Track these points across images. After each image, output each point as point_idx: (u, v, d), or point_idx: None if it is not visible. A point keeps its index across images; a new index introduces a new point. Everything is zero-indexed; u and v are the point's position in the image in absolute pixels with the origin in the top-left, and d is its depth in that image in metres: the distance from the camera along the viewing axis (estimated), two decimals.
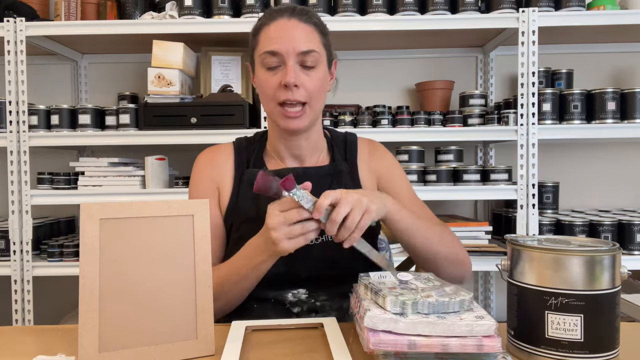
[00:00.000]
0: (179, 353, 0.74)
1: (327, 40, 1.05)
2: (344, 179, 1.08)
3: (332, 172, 1.09)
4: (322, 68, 1.02)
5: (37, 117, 2.00)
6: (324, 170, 1.09)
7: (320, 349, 0.76)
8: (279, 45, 0.98)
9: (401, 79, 2.35)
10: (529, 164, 1.91)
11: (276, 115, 1.02)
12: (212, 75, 2.13)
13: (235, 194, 1.08)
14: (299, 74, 0.98)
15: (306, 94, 0.99)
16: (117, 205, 0.74)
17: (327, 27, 1.07)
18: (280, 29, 0.99)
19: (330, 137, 1.16)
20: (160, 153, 2.05)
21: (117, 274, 0.72)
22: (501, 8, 1.93)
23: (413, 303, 0.69)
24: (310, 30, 1.01)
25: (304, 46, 0.98)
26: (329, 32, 1.07)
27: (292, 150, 1.09)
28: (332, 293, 1.02)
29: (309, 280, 1.02)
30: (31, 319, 1.95)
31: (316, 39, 1.01)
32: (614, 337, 0.70)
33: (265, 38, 1.00)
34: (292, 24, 0.99)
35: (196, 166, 1.13)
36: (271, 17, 1.01)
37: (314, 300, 1.02)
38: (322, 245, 1.02)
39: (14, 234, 1.94)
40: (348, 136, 1.16)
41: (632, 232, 1.93)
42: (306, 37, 0.99)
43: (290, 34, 0.98)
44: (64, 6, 2.03)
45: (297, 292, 1.02)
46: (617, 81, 2.32)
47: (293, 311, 1.01)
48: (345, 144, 1.14)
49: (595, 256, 0.69)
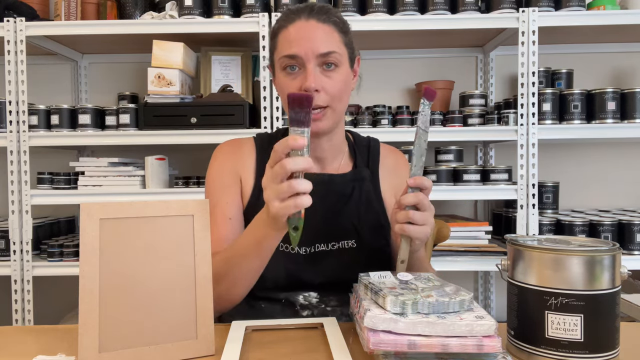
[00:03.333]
0: (179, 353, 0.74)
1: (349, 38, 1.02)
2: (365, 185, 1.07)
3: (355, 179, 1.07)
4: (344, 68, 0.99)
5: (37, 117, 2.00)
6: (348, 177, 1.07)
7: (320, 349, 0.76)
8: (297, 49, 0.95)
9: (401, 79, 2.35)
10: (529, 164, 1.91)
11: None
12: (212, 75, 2.13)
13: (257, 191, 1.04)
14: (320, 77, 0.96)
15: (327, 97, 0.96)
16: (117, 205, 0.74)
17: (347, 24, 1.03)
18: (298, 31, 0.96)
19: (353, 141, 1.14)
20: (160, 153, 2.05)
21: (117, 274, 0.72)
22: (501, 8, 1.93)
23: (413, 303, 0.69)
24: (330, 30, 0.97)
25: (324, 48, 0.95)
26: (350, 29, 1.03)
27: (314, 152, 1.05)
28: (344, 299, 1.00)
29: (322, 285, 1.01)
30: (31, 319, 1.95)
31: (336, 38, 0.98)
32: (614, 337, 0.70)
33: (283, 41, 0.98)
34: (310, 26, 0.96)
35: (217, 157, 1.09)
36: (289, 18, 0.98)
37: (325, 305, 1.01)
38: (338, 252, 1.02)
39: (14, 234, 1.94)
40: (371, 142, 1.14)
41: (632, 232, 1.92)
42: (326, 38, 0.96)
43: (309, 36, 0.95)
44: (64, 6, 2.03)
45: (308, 295, 1.01)
46: (617, 81, 2.32)
47: (302, 314, 1.00)
48: (368, 150, 1.12)
49: (595, 256, 0.69)
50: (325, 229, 1.02)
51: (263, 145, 1.09)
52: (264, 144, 1.09)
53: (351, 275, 0.94)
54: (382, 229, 1.07)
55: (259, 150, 1.08)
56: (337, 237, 1.03)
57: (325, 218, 1.02)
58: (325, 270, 0.99)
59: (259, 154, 1.08)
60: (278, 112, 1.93)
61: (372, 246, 1.05)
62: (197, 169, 2.24)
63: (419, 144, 0.86)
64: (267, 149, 1.07)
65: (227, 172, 1.06)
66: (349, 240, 1.03)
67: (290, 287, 1.00)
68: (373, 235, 1.05)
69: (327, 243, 1.02)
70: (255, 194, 1.04)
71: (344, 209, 1.04)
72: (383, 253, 1.07)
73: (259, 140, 1.11)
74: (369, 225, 1.05)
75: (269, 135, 1.13)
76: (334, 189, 1.04)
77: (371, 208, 1.06)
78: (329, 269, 0.99)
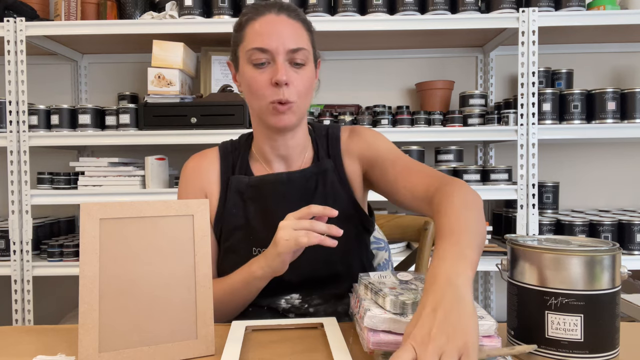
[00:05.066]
0: (179, 353, 0.74)
1: (313, 39, 1.02)
2: (329, 176, 1.05)
3: (317, 172, 1.05)
4: (310, 66, 0.99)
5: (37, 117, 2.00)
6: (308, 172, 1.05)
7: (320, 349, 0.76)
8: (268, 42, 0.94)
9: (401, 79, 2.35)
10: (529, 164, 1.91)
11: (265, 112, 0.98)
12: (212, 75, 2.13)
13: (222, 201, 1.05)
14: (290, 72, 0.95)
15: (296, 92, 0.96)
16: (117, 205, 0.74)
17: (312, 24, 1.04)
18: (268, 24, 0.96)
19: (313, 133, 1.11)
20: (160, 153, 2.05)
21: (117, 274, 0.72)
22: (501, 8, 1.93)
23: (413, 303, 0.69)
24: (299, 27, 0.98)
25: (294, 43, 0.95)
26: (314, 30, 1.04)
27: (278, 150, 1.05)
28: (327, 296, 1.00)
29: (302, 283, 0.99)
30: (31, 319, 1.95)
31: (305, 36, 0.98)
32: (614, 337, 0.70)
33: (252, 33, 0.96)
34: (281, 20, 0.96)
35: (183, 174, 1.10)
36: (258, 11, 0.98)
37: (308, 305, 1.00)
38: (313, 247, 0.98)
39: (14, 234, 1.94)
40: (330, 129, 1.11)
41: (632, 232, 1.93)
42: (295, 34, 0.96)
43: (280, 31, 0.95)
44: (64, 6, 2.04)
45: (290, 298, 1.00)
46: (617, 81, 2.32)
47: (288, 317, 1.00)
48: (327, 139, 1.09)
49: (595, 256, 0.69)
50: None
51: (226, 155, 1.09)
52: (227, 153, 1.09)
53: (330, 268, 0.95)
54: (352, 218, 1.05)
55: (223, 161, 1.08)
56: None
57: None
58: (303, 267, 0.96)
59: (222, 164, 1.08)
60: None
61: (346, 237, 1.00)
62: None
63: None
64: (230, 158, 1.09)
65: (191, 190, 1.07)
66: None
67: (273, 291, 0.98)
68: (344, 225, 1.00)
69: None
70: (221, 207, 1.05)
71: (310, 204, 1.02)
72: (359, 241, 1.06)
73: (222, 149, 1.10)
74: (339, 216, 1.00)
75: (232, 142, 1.12)
76: (296, 187, 1.03)
77: (338, 198, 1.04)
78: (307, 266, 0.97)
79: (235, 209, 1.03)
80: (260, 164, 1.07)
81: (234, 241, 1.02)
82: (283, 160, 1.07)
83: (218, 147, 1.12)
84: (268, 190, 1.03)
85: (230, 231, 1.03)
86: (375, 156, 1.05)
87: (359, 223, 1.07)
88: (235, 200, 1.04)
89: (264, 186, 1.03)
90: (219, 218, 1.05)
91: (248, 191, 1.03)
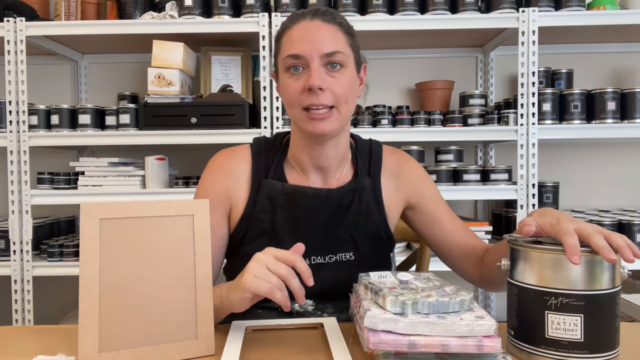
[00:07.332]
0: (179, 353, 0.74)
1: (355, 42, 0.99)
2: (365, 195, 1.02)
3: (355, 189, 1.02)
4: (349, 70, 0.95)
5: (37, 117, 2.00)
6: (346, 188, 1.02)
7: (320, 349, 0.76)
8: (301, 48, 0.92)
9: (401, 79, 2.35)
10: (529, 164, 1.91)
11: (301, 120, 0.95)
12: (212, 75, 2.13)
13: (251, 204, 1.01)
14: (324, 77, 0.92)
15: (333, 97, 0.93)
16: (117, 205, 0.74)
17: (353, 28, 1.00)
18: (302, 31, 0.93)
19: (355, 146, 1.08)
20: (160, 153, 2.05)
21: (117, 274, 0.72)
22: (501, 8, 1.93)
23: (413, 303, 0.69)
24: (335, 30, 0.94)
25: (329, 47, 0.92)
26: (355, 34, 1.00)
27: (316, 161, 1.01)
28: (340, 306, 0.99)
29: (320, 293, 0.98)
30: (31, 319, 1.95)
31: (341, 39, 0.95)
32: (614, 337, 0.70)
33: (287, 42, 0.95)
34: (315, 25, 0.93)
35: (208, 170, 1.05)
36: (293, 20, 0.96)
37: (321, 312, 0.99)
38: (336, 264, 1.00)
39: (14, 234, 1.94)
40: (373, 147, 1.08)
41: (632, 232, 1.92)
42: (331, 37, 0.93)
43: (314, 35, 0.92)
44: (64, 6, 2.04)
45: (304, 304, 0.99)
46: (617, 81, 2.32)
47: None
48: (369, 156, 1.07)
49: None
50: (322, 241, 1.00)
51: (259, 155, 1.04)
52: (260, 153, 1.05)
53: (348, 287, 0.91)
54: (381, 241, 1.04)
55: (255, 161, 1.04)
56: (334, 250, 1.01)
57: (322, 230, 1.00)
58: (322, 282, 0.94)
59: (254, 166, 1.03)
60: (278, 112, 1.93)
61: (371, 258, 1.02)
62: (197, 169, 2.24)
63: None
64: (264, 158, 1.04)
65: (215, 189, 1.02)
66: (347, 252, 1.01)
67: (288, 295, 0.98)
68: (372, 247, 1.03)
69: (324, 255, 1.00)
70: (249, 209, 1.01)
71: (341, 220, 1.01)
72: (382, 265, 1.05)
73: (256, 148, 1.06)
74: (368, 237, 1.02)
75: (267, 141, 1.07)
76: (331, 202, 1.01)
77: (371, 219, 1.03)
78: (327, 281, 0.96)
79: (263, 213, 1.00)
80: (296, 171, 1.04)
81: (257, 247, 0.98)
82: (320, 171, 1.03)
83: (250, 145, 1.07)
84: (302, 202, 1.00)
85: (255, 236, 1.01)
86: (423, 204, 1.09)
87: (386, 246, 1.06)
88: (264, 205, 1.00)
89: (298, 197, 1.00)
90: (244, 220, 1.01)
91: (280, 198, 1.00)
